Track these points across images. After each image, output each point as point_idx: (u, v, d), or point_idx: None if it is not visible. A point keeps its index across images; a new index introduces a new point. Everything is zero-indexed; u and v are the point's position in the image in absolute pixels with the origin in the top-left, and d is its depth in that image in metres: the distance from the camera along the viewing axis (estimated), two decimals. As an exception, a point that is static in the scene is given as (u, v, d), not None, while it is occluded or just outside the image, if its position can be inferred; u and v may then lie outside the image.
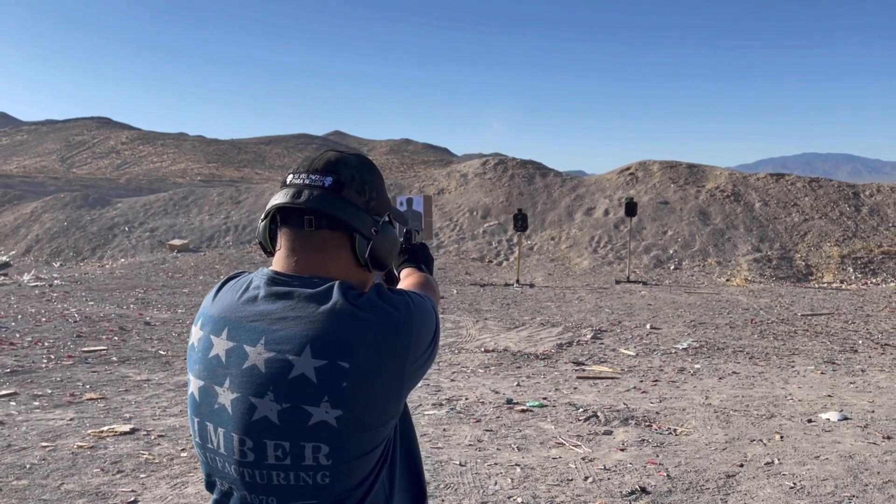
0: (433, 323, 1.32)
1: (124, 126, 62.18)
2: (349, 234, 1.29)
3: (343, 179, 1.29)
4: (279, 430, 1.18)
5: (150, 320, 10.12)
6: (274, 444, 1.19)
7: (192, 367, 1.30)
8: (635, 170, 21.04)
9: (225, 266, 17.06)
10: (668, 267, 16.64)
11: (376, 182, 1.33)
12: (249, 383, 1.20)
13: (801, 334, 9.55)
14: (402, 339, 1.23)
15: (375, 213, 1.33)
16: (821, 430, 5.42)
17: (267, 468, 1.20)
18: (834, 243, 16.78)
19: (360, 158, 1.36)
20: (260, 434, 1.19)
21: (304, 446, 1.18)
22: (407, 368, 1.24)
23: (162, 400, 6.08)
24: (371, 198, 1.32)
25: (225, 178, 36.34)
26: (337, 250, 1.28)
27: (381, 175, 1.37)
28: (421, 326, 1.28)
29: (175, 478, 4.25)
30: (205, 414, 1.26)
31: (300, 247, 1.28)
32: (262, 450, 1.19)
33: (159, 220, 20.88)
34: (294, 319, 1.21)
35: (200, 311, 1.35)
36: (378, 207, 1.34)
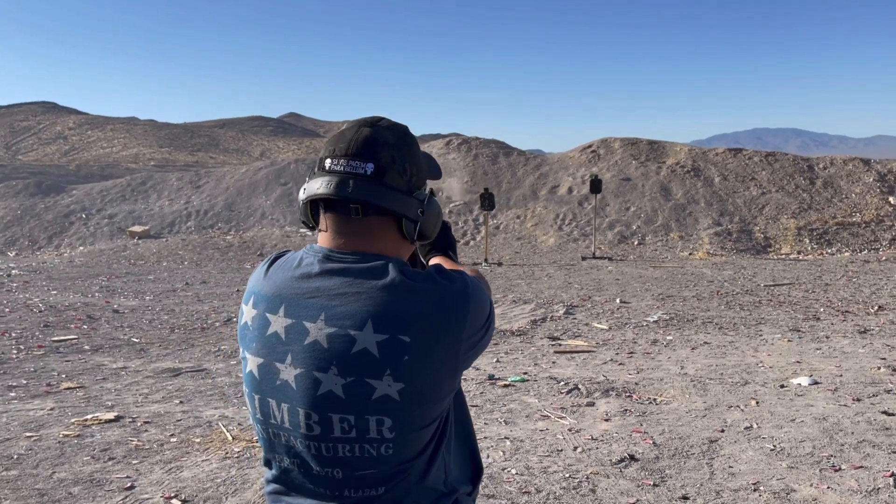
0: (487, 303, 1.33)
1: (71, 111, 60.32)
2: (396, 217, 1.30)
3: (384, 164, 1.27)
4: (344, 404, 1.21)
5: (118, 308, 9.94)
6: (339, 418, 1.22)
7: (247, 345, 1.31)
8: (597, 147, 21.27)
9: (188, 252, 16.80)
10: (632, 242, 16.92)
11: (415, 154, 1.33)
12: (312, 358, 1.22)
13: (765, 304, 9.83)
14: (459, 313, 1.25)
15: (417, 188, 1.32)
16: (794, 395, 5.62)
17: (333, 441, 1.23)
18: (791, 216, 17.25)
19: (397, 132, 1.33)
20: (325, 408, 1.22)
21: (369, 419, 1.21)
22: (463, 344, 1.26)
23: (142, 387, 6.01)
24: (412, 174, 1.31)
25: (179, 163, 35.58)
26: (385, 231, 1.30)
27: (416, 141, 1.36)
28: (477, 304, 1.29)
29: (168, 462, 4.23)
30: (266, 390, 1.27)
31: (347, 231, 1.29)
32: (328, 423, 1.22)
33: (118, 207, 20.42)
34: (353, 295, 1.23)
35: (249, 289, 1.35)
36: (419, 181, 1.33)
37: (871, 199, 17.58)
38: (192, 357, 7.10)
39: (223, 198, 20.51)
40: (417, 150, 1.34)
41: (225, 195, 20.68)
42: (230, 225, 19.28)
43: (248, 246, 17.41)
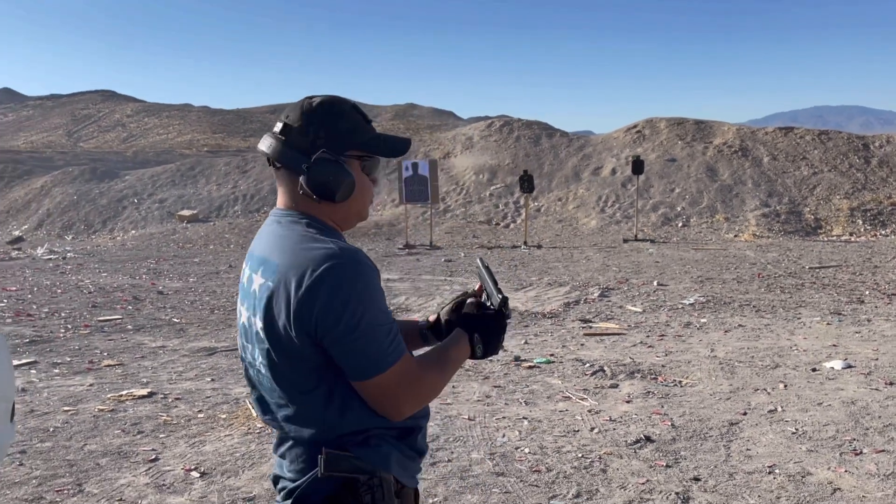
0: (346, 294, 1.33)
1: (129, 98, 61.93)
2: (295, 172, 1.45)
3: (290, 122, 1.45)
4: (250, 336, 1.46)
5: (162, 290, 10.27)
6: (249, 347, 1.47)
7: (240, 300, 1.53)
8: (642, 128, 20.90)
9: (235, 235, 17.18)
10: (676, 224, 16.63)
11: (327, 123, 1.44)
12: (250, 302, 1.45)
13: (808, 287, 9.59)
14: (300, 276, 1.34)
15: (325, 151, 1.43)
16: (824, 378, 5.50)
17: (253, 368, 1.48)
18: (843, 196, 16.69)
19: (320, 103, 1.46)
20: (249, 341, 1.47)
21: (255, 349, 1.44)
22: (293, 307, 1.34)
23: (177, 365, 6.22)
24: (318, 137, 1.43)
25: (231, 149, 36.25)
26: (292, 185, 1.46)
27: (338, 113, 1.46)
28: (329, 284, 1.33)
29: (193, 437, 4.39)
30: (241, 332, 1.51)
31: (277, 184, 1.50)
32: (250, 353, 1.47)
33: (168, 192, 20.98)
34: (269, 248, 1.44)
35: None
36: (329, 145, 1.43)
37: (930, 178, 16.92)
38: (229, 337, 7.30)
39: (269, 182, 20.86)
40: (335, 121, 1.45)
41: (271, 179, 21.02)
42: (275, 209, 19.64)
43: (292, 229, 17.72)
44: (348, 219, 1.51)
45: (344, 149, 1.45)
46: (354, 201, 1.48)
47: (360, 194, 1.49)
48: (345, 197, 1.45)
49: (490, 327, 1.58)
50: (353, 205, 1.48)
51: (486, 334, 1.57)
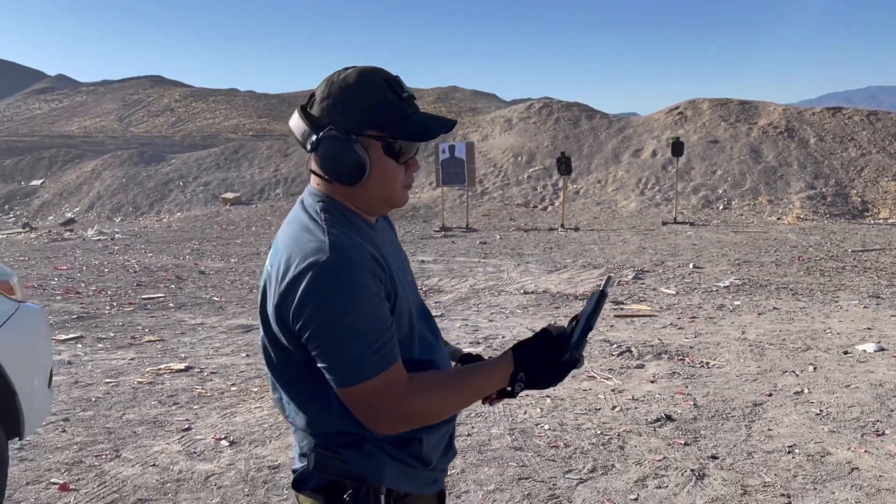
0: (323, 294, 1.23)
1: (177, 83, 63.07)
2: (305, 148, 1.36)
3: (315, 94, 1.35)
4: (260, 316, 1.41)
5: (204, 269, 10.56)
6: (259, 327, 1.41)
7: None
8: (684, 109, 20.55)
9: (276, 218, 17.50)
10: (716, 207, 16.38)
11: (349, 97, 1.31)
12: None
13: (849, 270, 9.40)
14: (285, 269, 1.27)
15: (333, 128, 1.31)
16: (855, 361, 5.43)
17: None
18: (892, 178, 16.21)
19: (350, 73, 1.34)
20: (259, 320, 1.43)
21: (260, 328, 1.38)
22: (278, 300, 1.27)
23: (215, 341, 6.44)
24: (334, 112, 1.32)
25: (275, 133, 36.73)
26: (311, 164, 1.38)
27: (369, 91, 1.32)
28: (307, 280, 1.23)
29: (225, 408, 4.57)
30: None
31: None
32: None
33: (212, 175, 21.44)
34: (282, 231, 1.39)
35: None
36: (345, 122, 1.31)
37: None
38: (265, 315, 7.51)
39: (309, 165, 21.18)
40: (357, 96, 1.31)
41: (311, 163, 21.35)
42: (316, 192, 19.93)
43: (332, 212, 17.97)
44: (372, 204, 1.38)
45: (362, 127, 1.31)
46: (376, 186, 1.34)
47: (381, 179, 1.34)
48: (353, 180, 1.32)
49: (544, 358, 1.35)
50: (374, 189, 1.35)
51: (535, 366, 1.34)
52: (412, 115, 1.36)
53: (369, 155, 1.32)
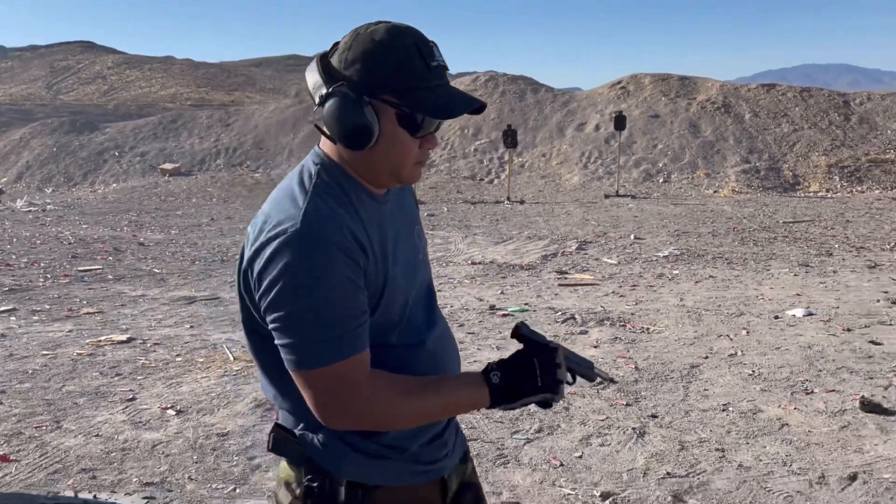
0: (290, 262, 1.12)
1: (109, 50, 60.66)
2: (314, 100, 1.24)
3: (339, 44, 1.23)
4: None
5: (144, 241, 10.30)
6: None
7: None
8: (627, 83, 20.85)
9: (217, 189, 17.14)
10: (657, 180, 16.76)
11: (371, 55, 1.18)
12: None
13: (780, 240, 9.77)
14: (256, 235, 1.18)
15: (345, 84, 1.18)
16: (785, 325, 5.69)
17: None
18: (822, 153, 16.85)
19: (380, 29, 1.21)
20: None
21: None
22: (241, 271, 1.21)
23: (157, 313, 6.32)
24: (352, 67, 1.19)
25: (216, 103, 35.78)
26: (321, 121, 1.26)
27: (393, 53, 1.18)
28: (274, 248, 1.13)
29: (171, 378, 4.51)
30: None
31: None
32: None
33: (149, 145, 20.81)
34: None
35: None
36: (362, 82, 1.18)
37: (908, 135, 17.08)
38: (209, 287, 7.39)
39: (252, 136, 20.74)
40: (380, 56, 1.18)
41: (254, 133, 20.91)
42: (258, 163, 19.55)
43: (276, 184, 17.54)
44: (375, 174, 1.25)
45: (378, 90, 1.18)
46: (383, 156, 1.22)
47: (390, 149, 1.21)
48: (356, 144, 1.19)
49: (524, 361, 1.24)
50: (381, 160, 1.22)
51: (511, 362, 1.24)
52: (437, 87, 1.21)
53: (380, 121, 1.19)
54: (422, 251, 1.39)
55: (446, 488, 1.38)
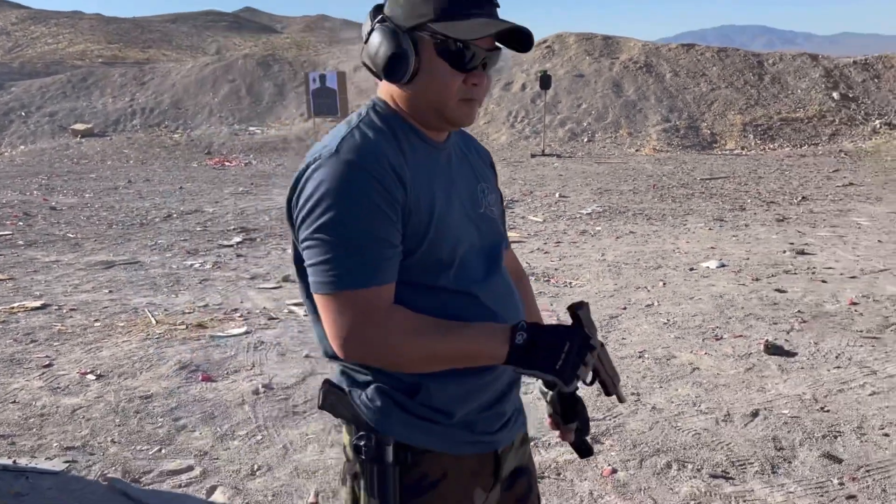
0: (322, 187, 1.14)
1: (12, 4, 56.90)
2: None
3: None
4: None
5: (56, 205, 9.87)
6: None
7: None
8: (552, 43, 20.97)
9: (134, 151, 16.50)
10: (581, 139, 17.04)
11: None
12: None
13: (697, 196, 10.14)
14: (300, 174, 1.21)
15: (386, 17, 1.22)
16: (699, 277, 5.95)
17: None
18: (737, 112, 17.44)
19: None
20: None
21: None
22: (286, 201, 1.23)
23: (73, 278, 6.11)
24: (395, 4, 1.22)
25: (130, 60, 34.12)
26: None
27: None
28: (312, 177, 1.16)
29: (89, 344, 4.40)
30: None
31: None
32: None
33: (59, 104, 19.77)
34: None
35: None
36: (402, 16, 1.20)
37: (816, 94, 17.81)
38: (128, 251, 7.17)
39: (169, 95, 19.95)
40: None
41: (171, 92, 20.12)
42: (177, 123, 18.86)
43: (196, 145, 17.15)
44: (420, 110, 1.24)
45: (418, 23, 1.18)
46: (424, 91, 1.20)
47: (430, 83, 1.19)
48: (392, 75, 1.20)
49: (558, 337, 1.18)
50: (420, 94, 1.21)
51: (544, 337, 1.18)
52: (475, 14, 1.18)
53: (420, 53, 1.18)
54: (486, 208, 1.35)
55: (500, 465, 1.34)
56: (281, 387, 3.74)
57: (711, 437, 3.18)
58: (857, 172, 12.03)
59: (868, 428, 3.23)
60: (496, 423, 1.31)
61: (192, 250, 7.09)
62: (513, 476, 1.38)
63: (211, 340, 4.44)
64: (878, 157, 13.97)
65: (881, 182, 10.97)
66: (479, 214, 1.32)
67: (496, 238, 1.36)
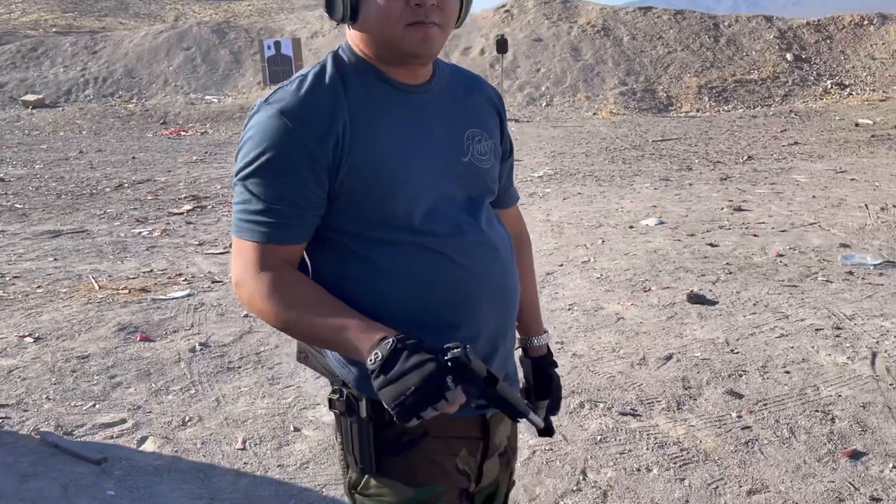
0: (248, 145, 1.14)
1: (-44, -29, 54.77)
2: None
3: None
4: None
5: (3, 177, 9.73)
6: None
7: None
8: (510, 6, 20.91)
9: (87, 121, 16.21)
10: (540, 104, 17.13)
11: None
12: None
13: (647, 158, 10.33)
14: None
15: None
16: (637, 234, 6.13)
17: None
18: (693, 74, 17.64)
19: None
20: None
21: None
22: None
23: (18, 248, 6.09)
24: None
25: (85, 29, 33.21)
26: None
27: None
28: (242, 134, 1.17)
29: (30, 309, 4.44)
30: None
31: None
32: None
33: (7, 75, 19.28)
34: None
35: None
36: None
37: (770, 56, 18.07)
38: (76, 220, 7.14)
39: (122, 64, 19.56)
40: None
41: (124, 61, 19.72)
42: (131, 93, 18.53)
43: (151, 114, 16.89)
44: (379, 50, 1.17)
45: None
46: (370, 25, 1.14)
47: (371, 14, 1.13)
48: (340, 15, 1.15)
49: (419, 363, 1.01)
50: (369, 30, 1.15)
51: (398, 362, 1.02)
52: None
53: None
54: (473, 157, 1.25)
55: (488, 431, 1.27)
56: (218, 345, 3.84)
57: (625, 378, 3.36)
58: (803, 132, 12.33)
59: (771, 367, 3.43)
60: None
61: (142, 218, 7.09)
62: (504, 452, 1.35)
63: (152, 303, 4.51)
64: (827, 116, 14.29)
65: (825, 140, 11.26)
66: (463, 164, 1.24)
67: (482, 191, 1.28)
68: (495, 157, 1.32)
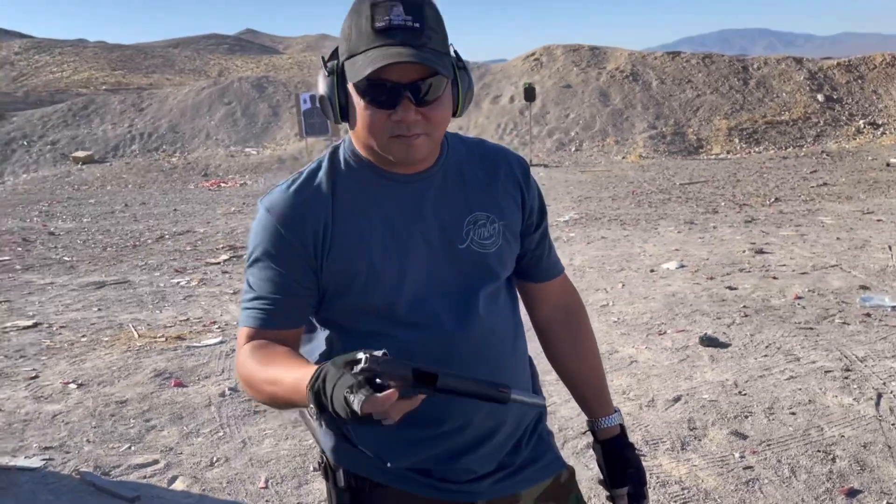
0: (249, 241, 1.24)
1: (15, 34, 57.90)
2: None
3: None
4: None
5: (54, 231, 10.25)
6: None
7: None
8: (540, 55, 21.37)
9: (133, 175, 16.93)
10: (569, 149, 17.36)
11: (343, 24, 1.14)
12: None
13: (673, 201, 10.43)
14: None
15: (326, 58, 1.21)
16: (657, 277, 6.24)
17: None
18: (723, 116, 17.74)
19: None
20: None
21: None
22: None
23: (66, 299, 6.45)
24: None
25: (133, 86, 34.70)
26: None
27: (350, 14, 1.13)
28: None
29: (75, 357, 4.73)
30: None
31: None
32: None
33: (60, 133, 20.28)
34: None
35: None
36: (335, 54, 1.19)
37: (801, 97, 18.11)
38: (119, 271, 7.52)
39: (167, 119, 20.44)
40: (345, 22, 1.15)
41: (169, 117, 20.61)
42: (175, 147, 19.33)
43: (193, 167, 17.57)
44: (369, 151, 1.20)
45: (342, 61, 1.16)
46: (358, 129, 1.16)
47: (358, 122, 1.14)
48: (329, 117, 1.18)
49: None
50: (357, 133, 1.18)
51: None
52: (375, 49, 1.07)
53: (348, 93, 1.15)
54: (472, 241, 1.23)
55: None
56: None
57: (632, 420, 3.47)
58: (833, 173, 12.31)
59: (777, 408, 3.51)
60: (463, 476, 1.25)
61: (181, 269, 7.43)
62: None
63: (187, 350, 4.76)
64: (860, 156, 14.23)
65: (854, 181, 11.24)
66: (459, 250, 1.22)
67: (483, 276, 1.24)
68: (506, 238, 1.27)
